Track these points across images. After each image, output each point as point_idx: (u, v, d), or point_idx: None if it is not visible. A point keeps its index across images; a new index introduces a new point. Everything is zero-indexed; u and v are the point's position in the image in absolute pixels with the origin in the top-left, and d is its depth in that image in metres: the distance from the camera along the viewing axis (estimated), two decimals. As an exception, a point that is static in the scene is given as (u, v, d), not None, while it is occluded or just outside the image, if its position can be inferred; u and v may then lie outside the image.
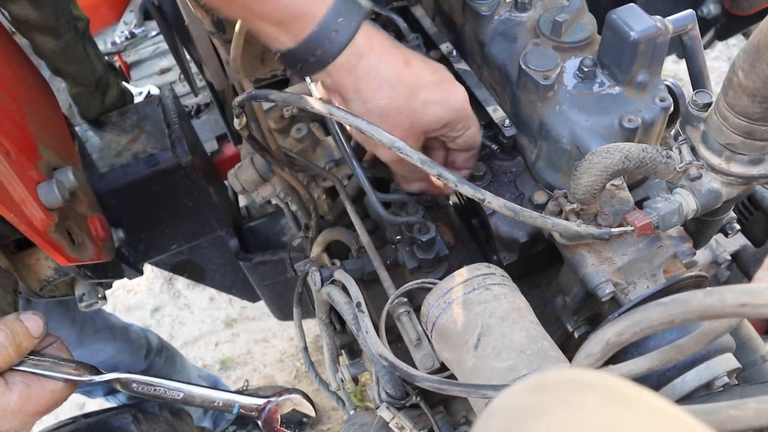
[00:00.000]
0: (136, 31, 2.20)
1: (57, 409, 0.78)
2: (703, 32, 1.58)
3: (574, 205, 0.74)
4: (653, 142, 0.83)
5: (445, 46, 1.03)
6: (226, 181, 1.70)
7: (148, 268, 1.87)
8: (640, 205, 0.78)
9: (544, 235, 0.87)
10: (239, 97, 0.87)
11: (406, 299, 0.90)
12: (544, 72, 0.83)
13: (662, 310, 0.42)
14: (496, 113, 0.93)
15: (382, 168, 1.00)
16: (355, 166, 0.89)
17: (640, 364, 0.58)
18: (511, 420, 0.30)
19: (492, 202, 0.74)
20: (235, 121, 0.92)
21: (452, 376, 0.77)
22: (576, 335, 0.89)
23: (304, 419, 2.22)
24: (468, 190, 0.74)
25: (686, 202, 0.72)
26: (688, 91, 0.79)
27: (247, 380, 2.46)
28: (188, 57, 1.55)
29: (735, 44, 3.19)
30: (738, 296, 0.37)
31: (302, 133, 1.14)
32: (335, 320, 1.09)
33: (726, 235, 0.90)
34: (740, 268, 1.02)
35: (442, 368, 0.83)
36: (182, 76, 1.99)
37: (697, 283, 0.74)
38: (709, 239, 0.91)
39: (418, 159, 0.75)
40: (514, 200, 0.89)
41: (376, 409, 0.91)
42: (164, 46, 2.09)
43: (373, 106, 0.77)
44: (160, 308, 2.77)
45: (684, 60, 0.91)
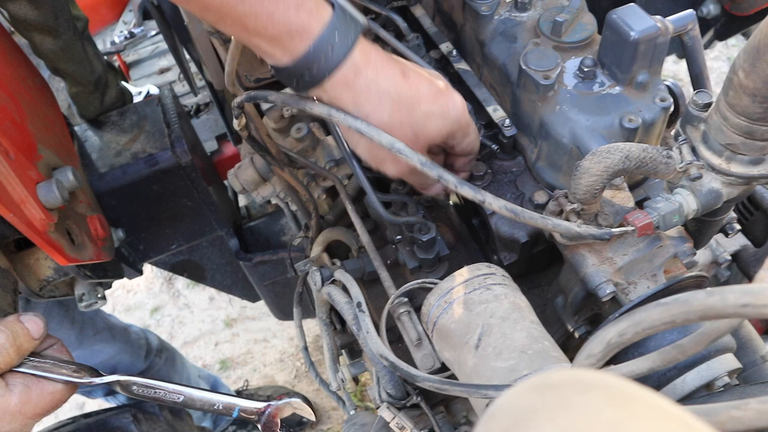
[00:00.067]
0: (136, 31, 2.19)
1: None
2: (703, 32, 1.58)
3: (575, 205, 0.74)
4: (653, 142, 0.83)
5: (445, 46, 1.03)
6: (226, 181, 1.70)
7: (147, 267, 1.87)
8: (640, 205, 0.78)
9: (545, 235, 0.87)
10: (238, 98, 0.87)
11: (406, 299, 0.90)
12: (544, 72, 0.83)
13: (664, 310, 0.42)
14: (497, 113, 0.93)
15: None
16: (355, 166, 0.89)
17: (642, 365, 0.58)
18: (514, 420, 0.30)
19: (492, 203, 0.74)
20: (235, 122, 0.92)
21: (453, 376, 0.77)
22: (576, 335, 0.89)
23: (304, 419, 2.22)
24: (468, 192, 0.74)
25: (687, 202, 0.73)
26: (688, 91, 0.79)
27: (247, 380, 2.46)
28: (188, 56, 1.54)
29: (735, 44, 3.19)
30: (739, 297, 0.37)
31: (302, 133, 1.14)
32: (335, 320, 1.09)
33: (726, 235, 0.90)
34: (740, 269, 1.02)
35: (443, 368, 0.83)
36: (182, 76, 1.99)
37: (698, 284, 0.74)
38: (710, 239, 0.91)
39: (418, 160, 0.75)
40: (515, 200, 0.89)
41: (377, 409, 0.91)
42: (163, 45, 2.09)
43: (375, 121, 0.76)
44: (160, 308, 2.77)
45: (684, 60, 0.91)
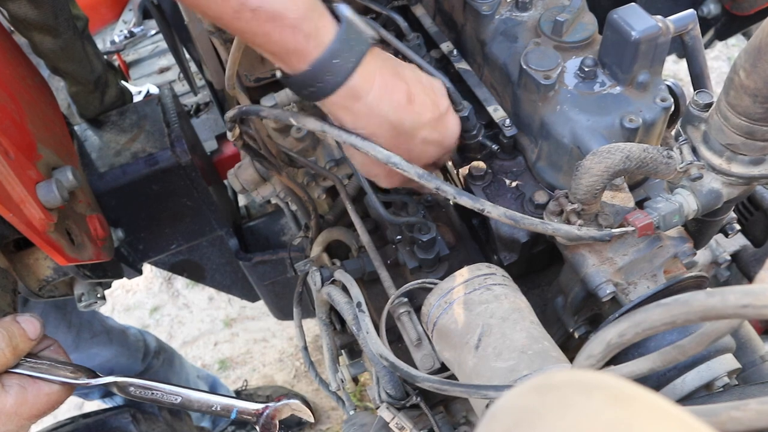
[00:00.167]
0: (135, 30, 2.19)
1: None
2: (703, 32, 1.58)
3: (575, 205, 0.74)
4: (654, 142, 0.83)
5: (446, 46, 1.02)
6: (225, 181, 1.70)
7: (147, 267, 1.86)
8: (640, 205, 0.78)
9: (545, 235, 0.87)
10: (230, 113, 0.87)
11: (406, 299, 0.90)
12: (545, 72, 0.83)
13: (664, 311, 0.42)
14: (497, 113, 0.93)
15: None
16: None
17: (642, 365, 0.57)
18: (515, 421, 0.30)
19: (492, 211, 0.75)
20: (228, 134, 0.92)
21: (453, 377, 0.77)
22: (576, 335, 0.89)
23: (303, 420, 2.22)
24: (467, 202, 0.76)
25: (687, 202, 0.72)
26: (688, 90, 0.79)
27: (246, 380, 2.46)
28: (188, 56, 1.54)
29: (735, 44, 3.19)
30: (740, 297, 0.37)
31: (302, 133, 1.14)
32: (335, 320, 1.09)
33: (726, 235, 0.90)
34: (740, 269, 1.02)
35: (443, 368, 0.83)
36: (182, 75, 1.99)
37: (698, 284, 0.74)
38: (710, 239, 0.91)
39: (415, 173, 0.76)
40: (515, 200, 0.89)
41: (376, 409, 0.91)
42: (163, 45, 2.09)
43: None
44: (159, 308, 2.77)
45: (684, 60, 0.91)
